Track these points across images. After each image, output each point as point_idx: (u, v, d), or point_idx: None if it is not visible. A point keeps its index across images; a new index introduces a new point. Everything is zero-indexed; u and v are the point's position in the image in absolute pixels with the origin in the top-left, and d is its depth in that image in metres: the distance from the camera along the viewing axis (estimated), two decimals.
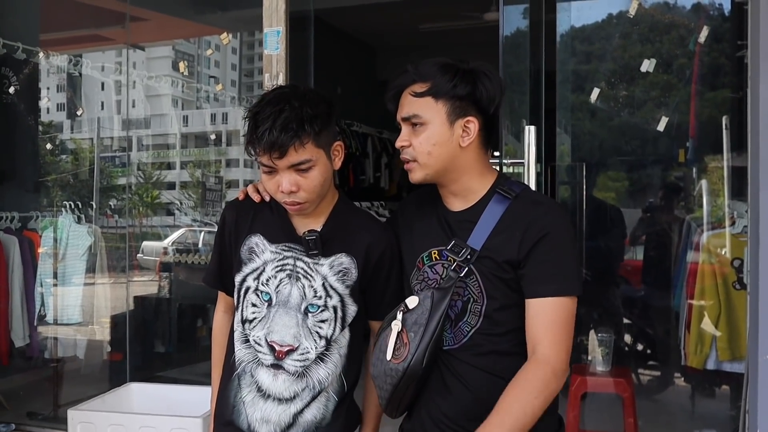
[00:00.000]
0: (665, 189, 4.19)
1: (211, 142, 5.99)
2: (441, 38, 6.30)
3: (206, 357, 1.98)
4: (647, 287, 4.26)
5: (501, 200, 1.64)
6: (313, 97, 1.67)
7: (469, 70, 1.65)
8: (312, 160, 1.63)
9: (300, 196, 1.66)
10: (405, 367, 1.57)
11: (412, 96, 1.65)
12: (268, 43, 2.79)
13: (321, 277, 1.74)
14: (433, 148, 1.63)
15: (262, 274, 1.75)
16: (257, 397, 1.76)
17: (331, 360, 1.75)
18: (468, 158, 1.66)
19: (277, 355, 1.72)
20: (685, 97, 3.85)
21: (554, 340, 1.55)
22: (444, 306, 1.58)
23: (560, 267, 1.58)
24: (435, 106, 1.63)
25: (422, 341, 1.56)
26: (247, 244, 1.78)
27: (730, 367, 3.55)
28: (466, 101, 1.63)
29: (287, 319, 1.72)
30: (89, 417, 2.83)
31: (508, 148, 3.39)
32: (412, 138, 1.65)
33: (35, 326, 4.73)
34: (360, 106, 6.20)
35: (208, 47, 5.97)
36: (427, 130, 1.63)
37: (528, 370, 1.54)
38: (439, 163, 1.64)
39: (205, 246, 5.44)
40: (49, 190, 5.42)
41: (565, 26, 3.89)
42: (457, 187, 1.69)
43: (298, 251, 1.75)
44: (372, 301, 1.80)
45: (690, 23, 3.82)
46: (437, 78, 1.63)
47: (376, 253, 1.76)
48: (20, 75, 4.87)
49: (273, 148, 1.59)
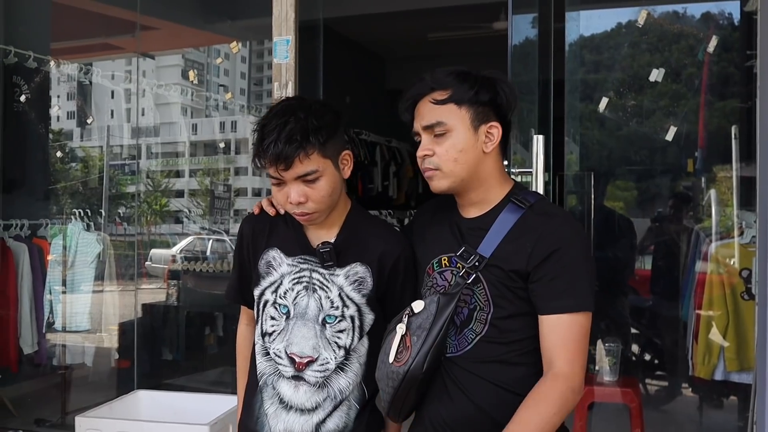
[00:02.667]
0: (674, 199, 4.18)
1: (219, 151, 6.02)
2: (450, 47, 6.31)
3: (214, 365, 2.00)
4: (655, 297, 4.24)
5: (514, 209, 1.63)
6: (319, 108, 1.67)
7: (487, 77, 1.65)
8: (318, 171, 1.64)
9: (309, 206, 1.67)
10: (405, 371, 1.57)
11: (433, 104, 1.63)
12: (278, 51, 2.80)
13: (337, 288, 1.74)
14: (459, 155, 1.62)
15: (279, 287, 1.77)
16: (280, 409, 1.77)
17: (351, 369, 1.77)
18: (489, 165, 1.66)
19: (298, 366, 1.74)
20: (694, 107, 3.85)
21: (570, 357, 1.54)
22: (449, 311, 1.58)
23: (572, 283, 1.57)
24: (458, 113, 1.62)
25: (424, 345, 1.56)
26: (264, 258, 1.80)
27: (738, 377, 3.53)
28: (488, 107, 1.63)
29: (305, 331, 1.73)
30: (97, 424, 2.84)
31: (516, 158, 3.39)
32: (435, 146, 1.63)
33: (44, 333, 4.74)
34: (369, 115, 6.21)
35: (218, 56, 6.00)
36: (452, 137, 1.62)
37: (548, 385, 1.53)
38: (465, 170, 1.63)
39: (213, 254, 5.46)
40: (59, 198, 5.45)
41: (574, 35, 3.89)
42: (477, 196, 1.68)
43: (314, 263, 1.75)
44: (390, 308, 1.80)
45: (699, 33, 3.81)
46: (457, 85, 1.62)
47: (391, 261, 1.77)
48: (31, 83, 4.90)
49: (278, 160, 1.60)
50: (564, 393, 1.53)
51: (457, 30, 6.13)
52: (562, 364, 1.54)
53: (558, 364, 1.54)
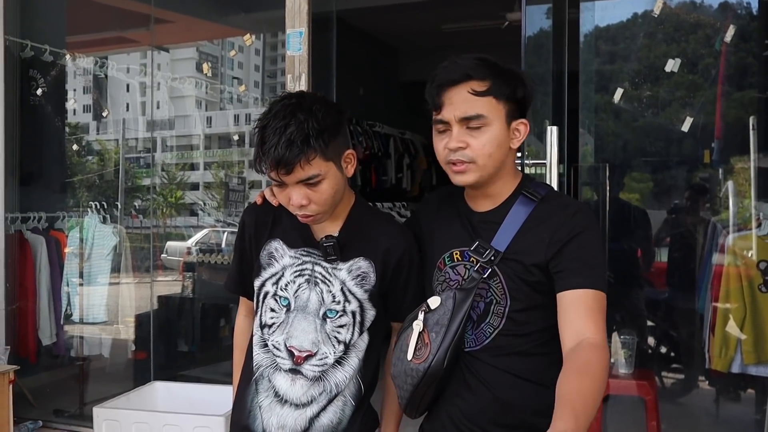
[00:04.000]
0: (690, 190, 4.14)
1: (234, 143, 6.02)
2: (463, 39, 6.29)
3: (229, 356, 2.00)
4: (671, 289, 4.21)
5: (526, 202, 1.63)
6: (320, 107, 1.62)
7: (516, 72, 1.63)
8: (320, 174, 1.61)
9: (311, 209, 1.65)
10: (426, 368, 1.56)
11: (472, 94, 1.58)
12: (291, 44, 2.81)
13: (339, 282, 1.73)
14: (495, 150, 1.60)
15: (281, 279, 1.75)
16: (274, 402, 1.76)
17: (349, 363, 1.75)
18: (510, 160, 1.67)
19: (296, 360, 1.72)
20: (711, 98, 3.80)
21: (598, 327, 1.49)
22: (466, 307, 1.57)
23: (591, 264, 1.55)
24: (497, 107, 1.60)
25: (444, 342, 1.56)
26: (267, 248, 1.79)
27: (755, 370, 3.50)
28: (520, 103, 1.63)
29: (306, 325, 1.72)
30: (114, 415, 2.87)
31: (531, 149, 3.37)
32: (470, 139, 1.60)
33: (62, 325, 4.79)
34: (382, 107, 6.21)
35: (232, 48, 6.00)
36: (490, 131, 1.59)
37: (589, 355, 1.44)
38: (496, 165, 1.62)
39: (228, 246, 5.47)
40: (76, 191, 5.49)
41: (588, 26, 3.85)
42: (493, 189, 1.67)
43: (317, 256, 1.74)
44: (393, 303, 1.79)
45: (716, 22, 3.77)
46: (494, 78, 1.59)
47: (395, 256, 1.75)
48: (47, 77, 4.93)
49: (279, 166, 1.57)
50: (605, 360, 1.46)
51: (470, 21, 6.11)
52: (594, 334, 1.48)
53: (590, 334, 1.47)
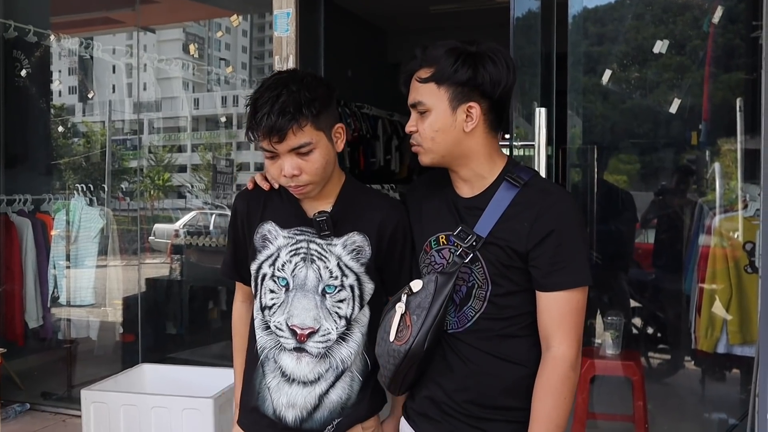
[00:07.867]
0: (677, 172, 4.15)
1: (221, 125, 5.99)
2: (451, 20, 6.26)
3: (217, 339, 2.01)
4: (658, 270, 4.23)
5: (509, 188, 1.64)
6: (311, 80, 1.68)
7: (473, 54, 1.62)
8: (312, 143, 1.64)
9: (302, 179, 1.67)
10: (407, 349, 1.60)
11: (418, 82, 1.66)
12: (278, 25, 2.78)
13: (335, 258, 1.75)
14: (436, 134, 1.64)
15: (277, 259, 1.77)
16: (282, 382, 1.78)
17: (352, 339, 1.78)
18: (474, 143, 1.66)
19: (299, 338, 1.75)
20: (699, 79, 3.81)
21: (566, 334, 1.59)
22: (447, 290, 1.60)
23: (570, 260, 1.59)
24: (438, 92, 1.63)
25: (424, 324, 1.59)
26: (260, 232, 1.80)
27: (740, 350, 3.54)
28: (468, 86, 1.62)
29: (306, 302, 1.74)
30: (102, 397, 2.87)
31: (519, 131, 3.37)
32: (419, 124, 1.66)
33: (48, 308, 4.78)
34: (370, 89, 6.17)
35: (219, 29, 5.95)
36: (431, 117, 1.64)
37: (550, 373, 1.59)
38: (443, 148, 1.65)
39: (216, 228, 5.46)
40: (62, 173, 5.45)
41: (577, 7, 3.84)
42: (467, 173, 1.69)
43: (311, 234, 1.76)
44: (389, 278, 1.82)
45: (704, 4, 3.76)
46: (441, 63, 1.62)
47: (389, 229, 1.78)
48: (32, 58, 4.88)
49: (272, 133, 1.61)
50: (566, 374, 1.58)
51: (458, 2, 6.07)
52: (558, 344, 1.59)
53: (554, 344, 1.59)
